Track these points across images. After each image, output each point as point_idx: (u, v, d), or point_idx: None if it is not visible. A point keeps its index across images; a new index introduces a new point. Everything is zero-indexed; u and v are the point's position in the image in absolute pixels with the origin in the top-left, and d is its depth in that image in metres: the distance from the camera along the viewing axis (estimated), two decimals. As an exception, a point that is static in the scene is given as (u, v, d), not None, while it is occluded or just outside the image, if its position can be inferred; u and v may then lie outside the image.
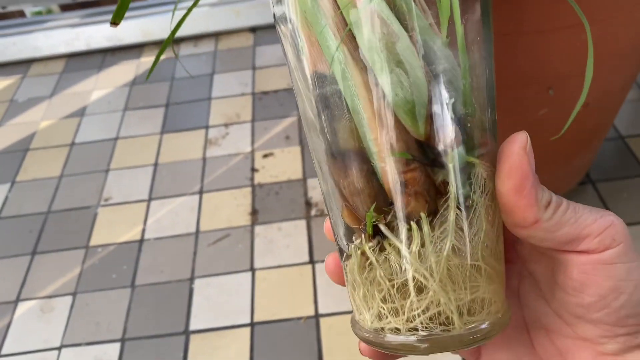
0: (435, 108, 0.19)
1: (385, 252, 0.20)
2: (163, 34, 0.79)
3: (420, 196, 0.20)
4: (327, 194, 0.21)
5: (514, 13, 0.32)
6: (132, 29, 0.79)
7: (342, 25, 0.20)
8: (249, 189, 0.58)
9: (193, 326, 0.47)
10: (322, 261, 0.50)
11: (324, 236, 0.52)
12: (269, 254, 0.51)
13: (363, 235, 0.20)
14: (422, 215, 0.19)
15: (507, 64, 0.35)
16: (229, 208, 0.56)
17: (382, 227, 0.20)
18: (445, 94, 0.19)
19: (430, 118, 0.19)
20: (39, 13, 1.13)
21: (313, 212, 0.55)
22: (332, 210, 0.22)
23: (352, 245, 0.21)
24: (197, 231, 0.54)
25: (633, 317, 0.19)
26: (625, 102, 0.60)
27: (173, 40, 0.78)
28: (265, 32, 0.80)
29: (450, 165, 0.19)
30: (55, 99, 0.73)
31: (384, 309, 0.20)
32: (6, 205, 0.60)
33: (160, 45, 0.80)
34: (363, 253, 0.20)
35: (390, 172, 0.20)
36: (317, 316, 0.46)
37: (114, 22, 0.24)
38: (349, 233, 0.21)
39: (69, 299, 0.50)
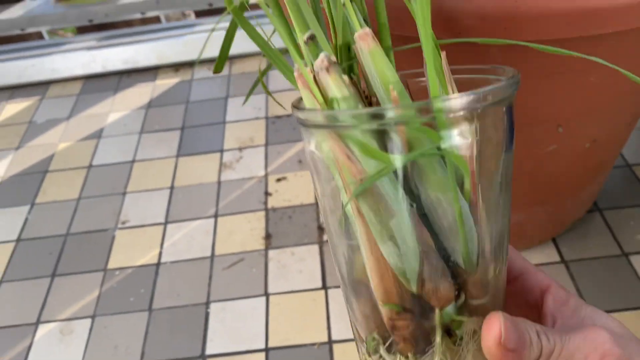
0: (428, 273, 0.21)
1: None
2: (177, 57, 0.81)
3: (408, 341, 0.22)
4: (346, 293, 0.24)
5: (524, 59, 0.33)
6: (147, 52, 0.81)
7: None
8: (263, 213, 0.59)
9: (209, 350, 0.48)
10: (335, 287, 0.51)
11: (336, 262, 0.53)
12: (282, 279, 0.52)
13: (365, 350, 0.23)
14: (410, 355, 0.22)
15: (518, 105, 0.37)
16: (243, 232, 0.58)
17: (381, 350, 0.22)
18: (439, 262, 0.21)
19: (422, 280, 0.21)
20: (56, 35, 1.16)
21: (325, 237, 0.56)
22: (351, 310, 0.24)
23: (360, 353, 0.24)
24: (213, 255, 0.56)
25: None
26: (633, 131, 0.61)
27: (187, 64, 0.80)
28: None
29: (437, 322, 0.21)
30: (73, 121, 0.75)
31: None
32: (26, 227, 0.61)
33: (174, 67, 0.82)
34: None
35: (384, 315, 0.22)
36: (330, 342, 0.47)
37: (216, 72, 0.26)
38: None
39: (87, 321, 0.51)
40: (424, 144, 0.20)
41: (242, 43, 0.83)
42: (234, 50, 0.81)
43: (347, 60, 0.22)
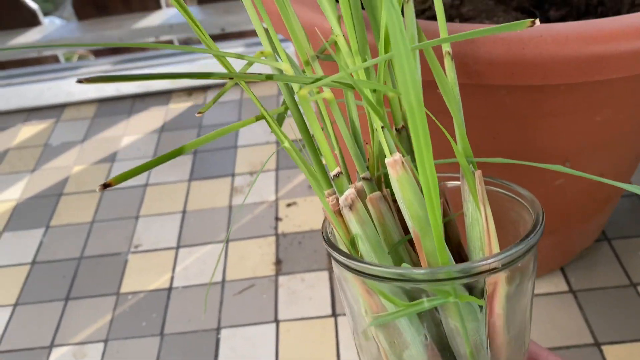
0: None
1: None
2: (190, 81, 0.82)
3: None
4: None
5: (531, 100, 0.34)
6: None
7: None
8: (273, 238, 0.60)
9: (220, 377, 0.48)
10: (345, 315, 0.52)
11: (346, 289, 0.54)
12: (293, 305, 0.53)
13: None
14: None
15: (526, 141, 0.37)
16: (254, 257, 0.58)
17: None
18: None
19: None
20: (70, 59, 1.18)
21: (335, 264, 0.56)
22: None
23: None
24: (224, 280, 0.56)
25: None
26: (640, 159, 0.61)
27: (200, 88, 0.81)
28: (289, 80, 0.83)
29: None
30: (87, 144, 0.76)
31: None
32: (41, 250, 0.62)
33: (187, 91, 0.83)
34: None
35: None
36: (339, 370, 0.48)
37: (200, 112, 0.27)
38: None
39: (100, 345, 0.52)
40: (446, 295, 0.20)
41: (253, 67, 0.84)
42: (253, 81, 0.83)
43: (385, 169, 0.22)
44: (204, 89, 0.84)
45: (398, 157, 0.20)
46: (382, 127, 0.22)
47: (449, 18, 0.50)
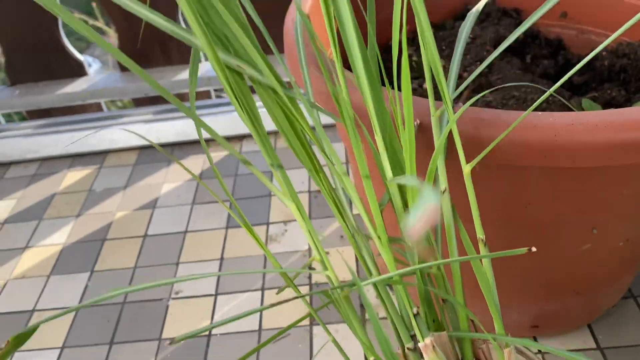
0: None
1: None
2: (227, 131, 0.87)
3: None
4: None
5: (563, 179, 0.37)
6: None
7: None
8: (307, 288, 0.63)
9: None
10: (378, 366, 0.54)
11: (379, 340, 0.56)
12: (327, 356, 0.55)
13: None
14: None
15: (555, 211, 0.40)
16: (289, 306, 0.61)
17: None
18: None
19: None
20: (115, 107, 1.24)
21: (367, 316, 0.59)
22: None
23: None
24: (260, 329, 0.59)
25: None
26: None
27: (236, 137, 0.85)
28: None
29: None
30: (129, 190, 0.80)
31: None
32: (86, 294, 0.66)
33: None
34: None
35: None
36: (374, 422, 0.49)
37: None
38: None
39: (144, 390, 0.55)
40: None
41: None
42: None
43: None
44: (240, 138, 0.88)
45: (428, 342, 0.24)
46: (416, 315, 0.25)
47: (479, 86, 0.54)
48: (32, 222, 0.77)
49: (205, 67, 0.92)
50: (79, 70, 0.94)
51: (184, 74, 0.91)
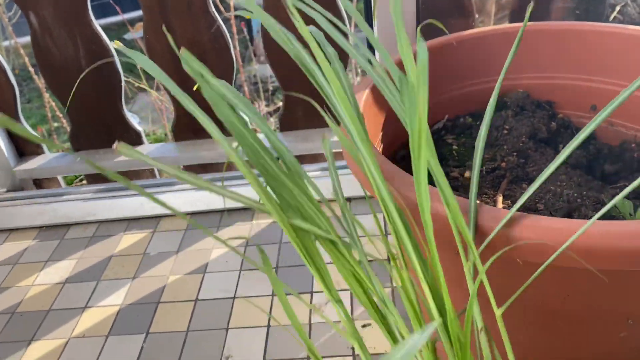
0: None
1: None
2: (272, 200, 0.92)
3: None
4: None
5: (602, 277, 0.41)
6: (246, 194, 0.93)
7: None
8: (351, 359, 0.66)
9: None
10: None
11: (421, 414, 0.59)
12: None
13: None
14: None
15: (593, 303, 0.44)
16: (334, 375, 0.64)
17: None
18: None
19: None
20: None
21: (409, 387, 0.62)
22: None
23: None
24: (307, 396, 0.62)
25: None
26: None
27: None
28: (358, 202, 0.91)
29: None
30: (181, 255, 0.86)
31: None
32: (142, 356, 0.70)
33: (269, 209, 0.93)
34: None
35: None
36: None
37: None
38: None
39: None
40: None
41: (327, 187, 0.93)
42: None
43: None
44: (284, 207, 0.93)
45: None
46: None
47: (516, 177, 0.58)
48: (91, 282, 0.83)
49: (254, 140, 0.99)
50: (137, 139, 1.02)
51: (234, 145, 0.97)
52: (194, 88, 0.36)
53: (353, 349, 0.67)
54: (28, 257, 0.89)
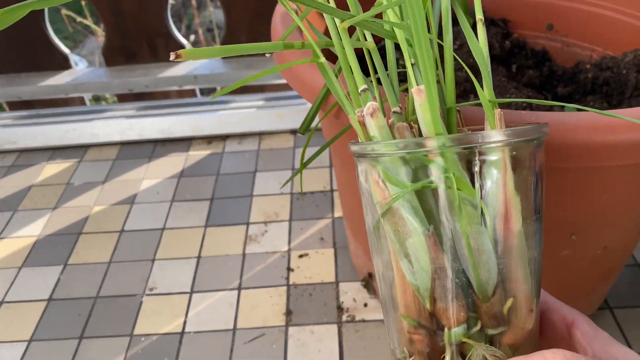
0: (439, 292, 0.24)
1: None
2: (211, 130, 0.86)
3: (421, 355, 0.25)
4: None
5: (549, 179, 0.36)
6: (182, 124, 0.86)
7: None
8: (285, 289, 0.62)
9: None
10: (352, 369, 0.53)
11: (354, 343, 0.55)
12: (302, 357, 0.54)
13: None
14: None
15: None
16: (265, 307, 0.60)
17: None
18: (451, 285, 0.24)
19: (434, 298, 0.24)
20: (98, 102, 1.23)
21: (344, 318, 0.58)
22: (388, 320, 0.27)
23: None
24: (235, 328, 0.58)
25: None
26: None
27: (220, 137, 0.85)
28: (305, 135, 0.86)
29: (445, 340, 0.24)
30: (108, 185, 0.79)
31: None
32: (58, 287, 0.64)
33: (207, 140, 0.87)
34: None
35: (404, 328, 0.25)
36: None
37: (301, 132, 0.31)
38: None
39: (112, 386, 0.53)
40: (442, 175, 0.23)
41: (271, 120, 0.88)
42: (263, 127, 0.86)
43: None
44: (223, 138, 0.87)
45: (422, 87, 0.24)
46: (413, 65, 0.25)
47: (464, 91, 0.54)
48: (7, 213, 0.75)
49: (193, 65, 0.92)
50: (63, 64, 0.93)
51: (170, 71, 0.90)
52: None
53: (287, 278, 0.63)
54: (-63, 186, 0.81)
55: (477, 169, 0.23)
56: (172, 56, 0.22)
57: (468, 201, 0.23)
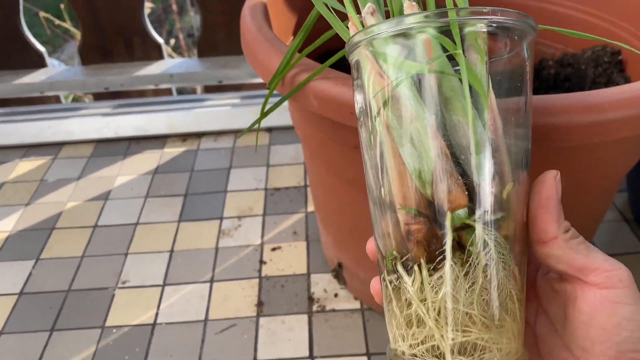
0: (441, 174, 0.23)
1: (400, 287, 0.25)
2: (186, 127, 0.86)
3: (420, 245, 0.24)
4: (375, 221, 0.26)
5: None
6: (157, 121, 0.87)
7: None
8: (257, 281, 0.63)
9: (197, 412, 0.50)
10: (322, 357, 0.54)
11: (324, 332, 0.56)
12: (272, 346, 0.55)
13: (385, 270, 0.25)
14: (422, 261, 0.24)
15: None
16: (237, 298, 0.61)
17: (398, 266, 0.25)
18: (453, 168, 0.24)
19: (436, 181, 0.24)
20: (75, 100, 1.22)
21: (314, 308, 0.59)
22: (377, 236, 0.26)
23: (380, 279, 0.26)
24: (206, 319, 0.59)
25: (632, 352, 0.22)
26: (604, 223, 0.66)
27: (194, 135, 0.85)
28: (280, 132, 0.87)
29: (447, 223, 0.23)
30: (82, 182, 0.79)
31: (396, 333, 0.25)
32: (29, 281, 0.64)
33: (182, 137, 0.87)
34: (385, 285, 0.25)
35: (401, 220, 0.24)
36: (314, 410, 0.49)
37: (270, 89, 0.32)
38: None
39: (82, 377, 0.54)
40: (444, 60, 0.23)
41: (247, 118, 0.88)
42: (239, 124, 0.87)
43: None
44: (199, 135, 0.88)
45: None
46: None
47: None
48: (-22, 209, 0.75)
49: (169, 64, 0.92)
50: (39, 62, 0.93)
51: (146, 70, 0.91)
52: None
53: (260, 271, 0.64)
54: None
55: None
56: None
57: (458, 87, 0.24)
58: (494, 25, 0.24)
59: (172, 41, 2.07)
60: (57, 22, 1.86)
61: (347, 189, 0.48)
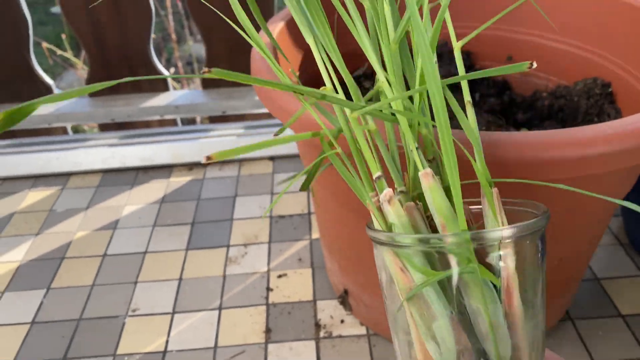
0: None
1: None
2: (192, 157, 0.89)
3: None
4: None
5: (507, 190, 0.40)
6: (163, 152, 0.89)
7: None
8: (264, 307, 0.64)
9: None
10: (330, 382, 0.55)
11: (331, 358, 0.57)
12: (281, 371, 0.56)
13: None
14: None
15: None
16: (245, 325, 0.62)
17: None
18: None
19: None
20: (76, 131, 1.25)
21: (321, 334, 0.60)
22: None
23: None
24: (215, 346, 0.60)
25: None
26: (600, 247, 0.68)
27: (200, 164, 0.87)
28: (283, 160, 0.89)
29: None
30: (91, 211, 0.81)
31: None
32: (41, 310, 0.65)
33: (188, 167, 0.89)
34: None
35: None
36: None
37: (303, 190, 0.33)
38: None
39: (95, 405, 0.55)
40: (464, 264, 0.25)
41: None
42: (243, 154, 0.89)
43: (418, 190, 0.28)
44: (204, 164, 0.90)
45: (429, 170, 0.26)
46: (417, 148, 0.27)
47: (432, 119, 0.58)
48: (-11, 239, 0.77)
49: (174, 96, 0.95)
50: (46, 94, 0.95)
51: (152, 101, 0.93)
52: None
53: (267, 298, 0.65)
54: None
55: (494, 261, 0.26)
56: (204, 159, 0.23)
57: (484, 282, 0.26)
58: (517, 236, 0.26)
59: (172, 70, 2.11)
60: (58, 52, 1.90)
61: (353, 217, 0.50)
